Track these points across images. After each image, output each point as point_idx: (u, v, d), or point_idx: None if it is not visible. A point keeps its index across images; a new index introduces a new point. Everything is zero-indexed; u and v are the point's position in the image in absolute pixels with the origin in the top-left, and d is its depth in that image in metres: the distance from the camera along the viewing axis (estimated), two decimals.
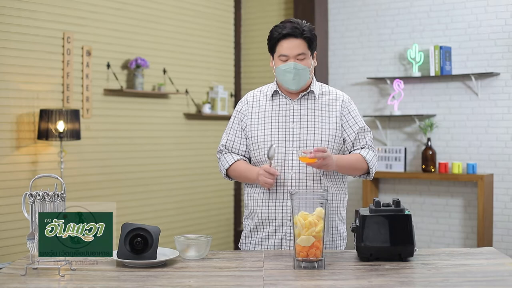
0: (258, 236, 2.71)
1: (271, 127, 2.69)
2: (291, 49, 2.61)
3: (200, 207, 6.17)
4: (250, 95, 2.82)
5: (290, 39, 2.61)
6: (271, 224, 2.67)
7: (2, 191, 4.51)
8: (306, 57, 2.64)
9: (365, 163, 2.70)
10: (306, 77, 2.66)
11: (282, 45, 2.63)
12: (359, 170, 2.71)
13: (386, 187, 6.00)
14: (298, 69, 2.62)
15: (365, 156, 2.70)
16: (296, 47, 2.61)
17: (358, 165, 2.69)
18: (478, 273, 2.11)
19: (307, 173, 2.64)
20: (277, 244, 2.66)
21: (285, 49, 2.62)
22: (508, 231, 5.40)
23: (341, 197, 2.74)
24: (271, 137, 2.68)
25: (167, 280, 2.06)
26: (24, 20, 4.63)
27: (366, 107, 6.04)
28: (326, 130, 2.68)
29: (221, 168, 2.79)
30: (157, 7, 5.74)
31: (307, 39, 2.63)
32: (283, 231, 2.65)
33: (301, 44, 2.62)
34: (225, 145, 2.79)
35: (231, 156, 2.76)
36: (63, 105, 4.90)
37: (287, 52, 2.62)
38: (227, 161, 2.76)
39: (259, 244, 2.70)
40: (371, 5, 6.04)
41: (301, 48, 2.62)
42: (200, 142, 6.20)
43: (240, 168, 2.73)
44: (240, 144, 2.77)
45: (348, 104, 2.76)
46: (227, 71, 6.56)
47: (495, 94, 5.44)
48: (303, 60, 2.63)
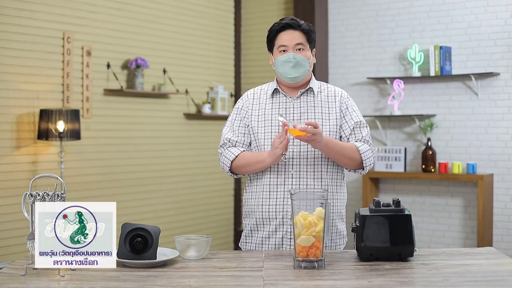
0: (259, 236, 2.70)
1: (271, 125, 2.69)
2: (290, 40, 2.66)
3: (200, 207, 6.17)
4: (251, 93, 2.81)
5: (289, 31, 2.67)
6: (272, 223, 2.67)
7: (2, 191, 4.51)
8: (305, 48, 2.67)
9: (358, 154, 2.64)
10: (306, 68, 2.67)
11: (281, 37, 2.68)
12: (350, 160, 2.64)
13: (386, 187, 6.00)
14: (297, 59, 2.64)
15: (359, 147, 2.65)
16: (295, 38, 2.66)
17: (349, 153, 2.62)
18: (478, 273, 2.11)
19: (308, 172, 2.64)
20: (278, 243, 2.66)
21: (284, 40, 2.67)
22: (508, 231, 5.40)
23: (340, 195, 2.73)
24: (271, 135, 2.68)
25: (167, 280, 2.06)
26: (24, 20, 4.64)
27: (366, 107, 6.04)
28: (326, 126, 2.68)
29: (225, 161, 2.71)
30: (157, 7, 5.74)
31: (305, 31, 2.68)
32: (283, 230, 2.64)
33: (300, 35, 2.67)
34: (229, 138, 2.74)
35: (236, 148, 2.72)
36: (63, 105, 4.91)
37: (286, 43, 2.67)
38: (232, 152, 2.70)
39: (260, 244, 2.70)
40: (371, 5, 6.04)
41: (300, 39, 2.67)
42: (200, 142, 6.20)
43: (247, 155, 2.69)
44: (244, 138, 2.74)
45: (346, 99, 2.76)
46: (227, 71, 6.56)
47: (495, 94, 5.44)
48: (302, 51, 2.67)
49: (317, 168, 2.65)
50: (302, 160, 2.65)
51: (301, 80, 2.70)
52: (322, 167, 2.67)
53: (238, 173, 2.74)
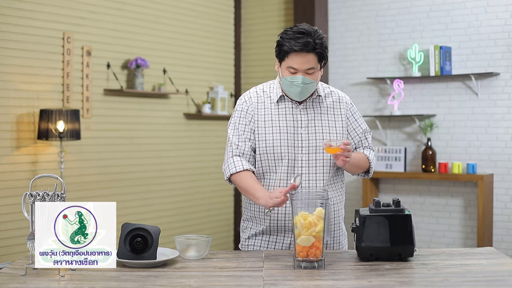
0: (264, 239, 2.69)
1: (280, 132, 2.63)
2: (301, 64, 2.53)
3: (200, 207, 6.17)
4: (254, 95, 2.72)
5: (302, 54, 2.52)
6: (280, 230, 2.65)
7: (2, 191, 4.51)
8: (315, 71, 2.57)
9: (368, 163, 2.75)
10: (312, 89, 2.61)
11: (292, 58, 2.53)
12: (362, 169, 2.75)
13: (386, 187, 6.00)
14: (306, 83, 2.56)
15: (368, 155, 2.75)
16: (306, 62, 2.53)
17: (362, 164, 2.73)
18: (478, 273, 2.11)
19: (317, 180, 2.63)
20: (285, 248, 2.65)
21: (296, 63, 2.53)
22: (508, 231, 5.39)
23: (342, 198, 2.77)
24: (280, 143, 2.62)
25: (167, 280, 2.06)
26: (24, 20, 4.64)
27: (366, 107, 6.04)
28: (333, 134, 2.67)
29: (226, 171, 2.66)
30: (157, 7, 5.74)
31: (319, 54, 2.55)
32: (292, 237, 2.62)
33: (312, 59, 2.54)
34: (237, 144, 2.66)
35: (241, 161, 2.63)
36: (63, 105, 4.91)
37: (297, 66, 2.54)
38: (235, 166, 2.63)
39: (265, 247, 2.68)
40: (371, 5, 6.04)
41: (311, 63, 2.54)
42: (200, 142, 6.20)
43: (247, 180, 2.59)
44: (250, 143, 2.67)
45: (350, 106, 2.76)
46: (227, 71, 6.56)
47: (495, 94, 5.44)
48: (312, 74, 2.56)
49: (325, 175, 2.66)
50: (312, 168, 2.64)
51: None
52: (324, 168, 2.67)
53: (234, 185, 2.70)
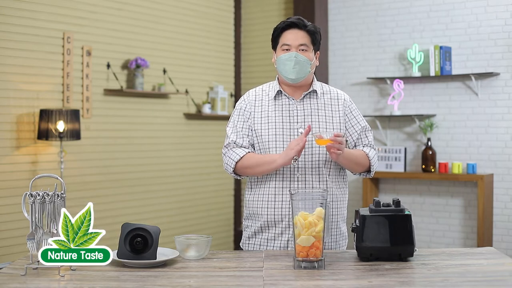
0: (263, 237, 2.69)
1: (275, 127, 2.67)
2: (294, 39, 2.64)
3: (200, 207, 6.17)
4: (252, 94, 2.78)
5: (294, 30, 2.65)
6: (278, 225, 2.65)
7: (2, 191, 4.51)
8: (308, 49, 2.65)
9: (367, 161, 2.72)
10: (307, 69, 2.65)
11: (285, 35, 2.66)
12: (361, 167, 2.72)
13: (386, 187, 6.00)
14: (299, 59, 2.63)
15: (368, 153, 2.72)
16: (299, 38, 2.64)
17: (361, 161, 2.70)
18: (478, 273, 2.11)
19: (313, 175, 2.64)
20: (284, 246, 2.65)
21: (288, 39, 2.65)
22: (508, 231, 5.39)
23: (343, 197, 2.75)
24: (275, 138, 2.66)
25: (167, 280, 2.06)
26: (24, 20, 4.64)
27: (366, 107, 6.04)
28: (330, 130, 2.68)
29: (229, 162, 2.68)
30: (157, 7, 5.74)
31: (311, 33, 2.66)
32: (290, 233, 2.63)
33: (305, 36, 2.65)
34: (234, 140, 2.71)
35: (240, 149, 2.68)
36: (63, 105, 4.91)
37: (289, 42, 2.64)
38: (236, 153, 2.67)
39: (264, 245, 2.69)
40: (371, 5, 6.04)
41: (304, 39, 2.65)
42: (200, 142, 6.20)
43: (256, 156, 2.65)
44: (248, 139, 2.71)
45: (349, 103, 2.78)
46: (227, 71, 6.56)
47: (495, 94, 5.44)
48: (305, 52, 2.65)
49: (322, 171, 2.65)
50: (307, 163, 2.64)
51: (302, 81, 2.69)
52: (325, 169, 2.67)
53: (242, 174, 2.71)
